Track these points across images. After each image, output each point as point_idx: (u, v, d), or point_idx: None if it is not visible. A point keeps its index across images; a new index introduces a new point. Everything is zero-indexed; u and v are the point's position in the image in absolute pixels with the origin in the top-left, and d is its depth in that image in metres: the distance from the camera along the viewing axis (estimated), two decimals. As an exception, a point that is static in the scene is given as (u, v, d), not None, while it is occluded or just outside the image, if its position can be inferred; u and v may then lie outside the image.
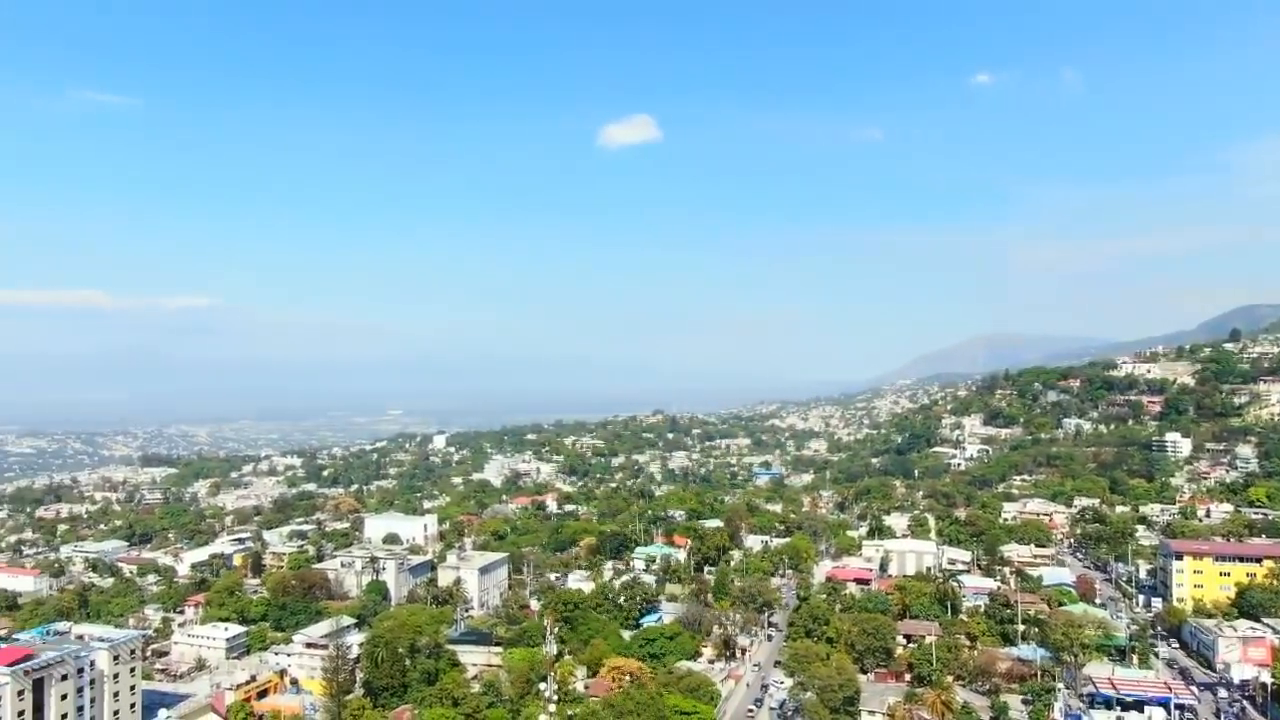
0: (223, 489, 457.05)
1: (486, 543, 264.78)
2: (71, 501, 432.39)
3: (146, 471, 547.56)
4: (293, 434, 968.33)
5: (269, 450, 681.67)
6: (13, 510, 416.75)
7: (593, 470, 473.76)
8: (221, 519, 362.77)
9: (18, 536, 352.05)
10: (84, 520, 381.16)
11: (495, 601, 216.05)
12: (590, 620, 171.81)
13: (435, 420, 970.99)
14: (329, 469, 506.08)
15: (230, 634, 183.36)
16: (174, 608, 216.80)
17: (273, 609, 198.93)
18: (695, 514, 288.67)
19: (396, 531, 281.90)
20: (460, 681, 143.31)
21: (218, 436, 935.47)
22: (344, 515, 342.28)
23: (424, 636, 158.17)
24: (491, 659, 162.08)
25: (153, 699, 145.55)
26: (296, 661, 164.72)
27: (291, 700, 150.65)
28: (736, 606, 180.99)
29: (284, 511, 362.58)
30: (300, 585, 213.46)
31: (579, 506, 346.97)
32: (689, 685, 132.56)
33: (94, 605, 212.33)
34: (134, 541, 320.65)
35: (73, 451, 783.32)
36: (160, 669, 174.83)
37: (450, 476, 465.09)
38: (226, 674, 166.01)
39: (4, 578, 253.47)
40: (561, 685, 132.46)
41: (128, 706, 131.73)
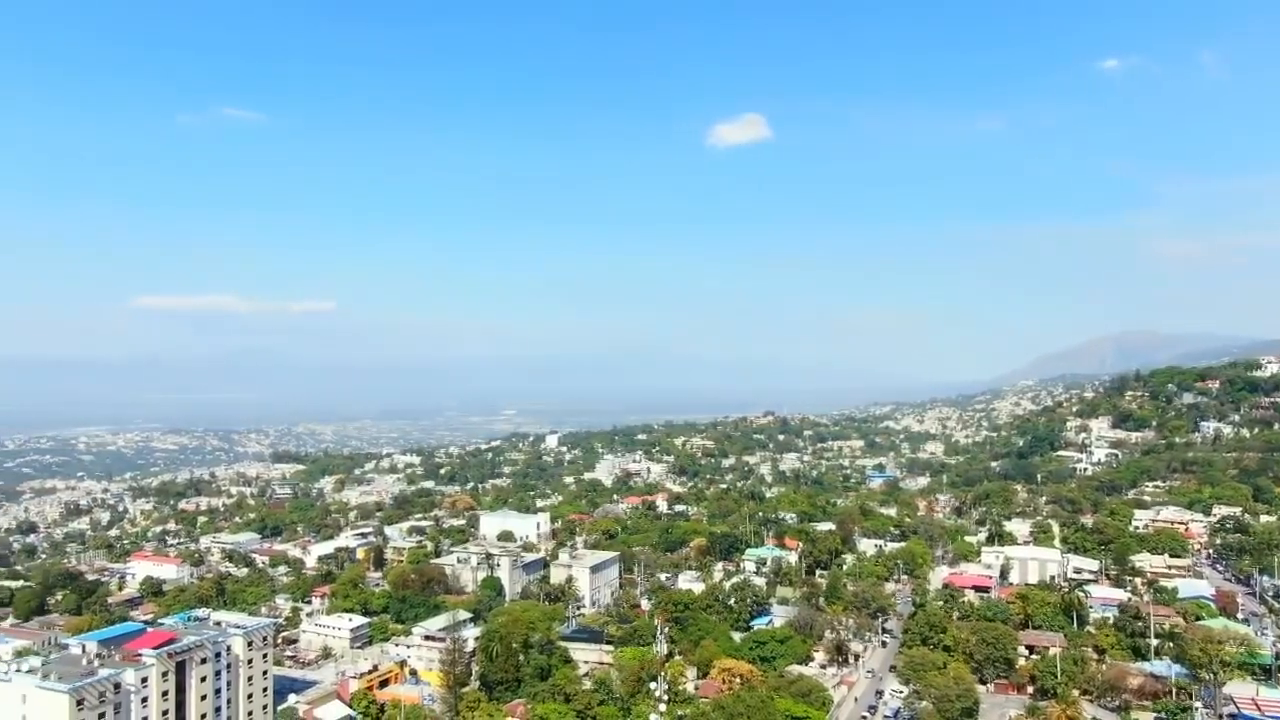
0: (347, 485, 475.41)
1: (597, 541, 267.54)
2: (210, 495, 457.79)
3: (277, 468, 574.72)
4: (411, 433, 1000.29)
5: (389, 448, 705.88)
6: (158, 502, 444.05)
7: (703, 471, 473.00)
8: (346, 514, 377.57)
9: (162, 527, 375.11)
10: (221, 513, 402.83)
11: (606, 600, 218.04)
12: (700, 621, 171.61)
13: (548, 420, 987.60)
14: (446, 467, 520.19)
15: (354, 625, 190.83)
16: (302, 598, 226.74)
17: (393, 602, 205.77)
18: (807, 516, 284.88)
19: (510, 529, 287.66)
20: (572, 678, 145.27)
21: (342, 435, 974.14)
22: (460, 512, 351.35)
23: (537, 633, 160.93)
24: (603, 657, 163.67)
25: (283, 684, 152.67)
26: (415, 653, 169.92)
27: (411, 690, 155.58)
28: (849, 611, 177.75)
29: (404, 508, 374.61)
30: (419, 579, 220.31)
31: (689, 507, 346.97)
32: (800, 689, 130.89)
33: (230, 593, 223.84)
34: (266, 534, 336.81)
35: (211, 448, 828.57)
36: (290, 656, 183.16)
37: (562, 475, 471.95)
38: (351, 663, 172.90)
39: (150, 566, 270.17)
40: (672, 685, 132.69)
41: (260, 690, 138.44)
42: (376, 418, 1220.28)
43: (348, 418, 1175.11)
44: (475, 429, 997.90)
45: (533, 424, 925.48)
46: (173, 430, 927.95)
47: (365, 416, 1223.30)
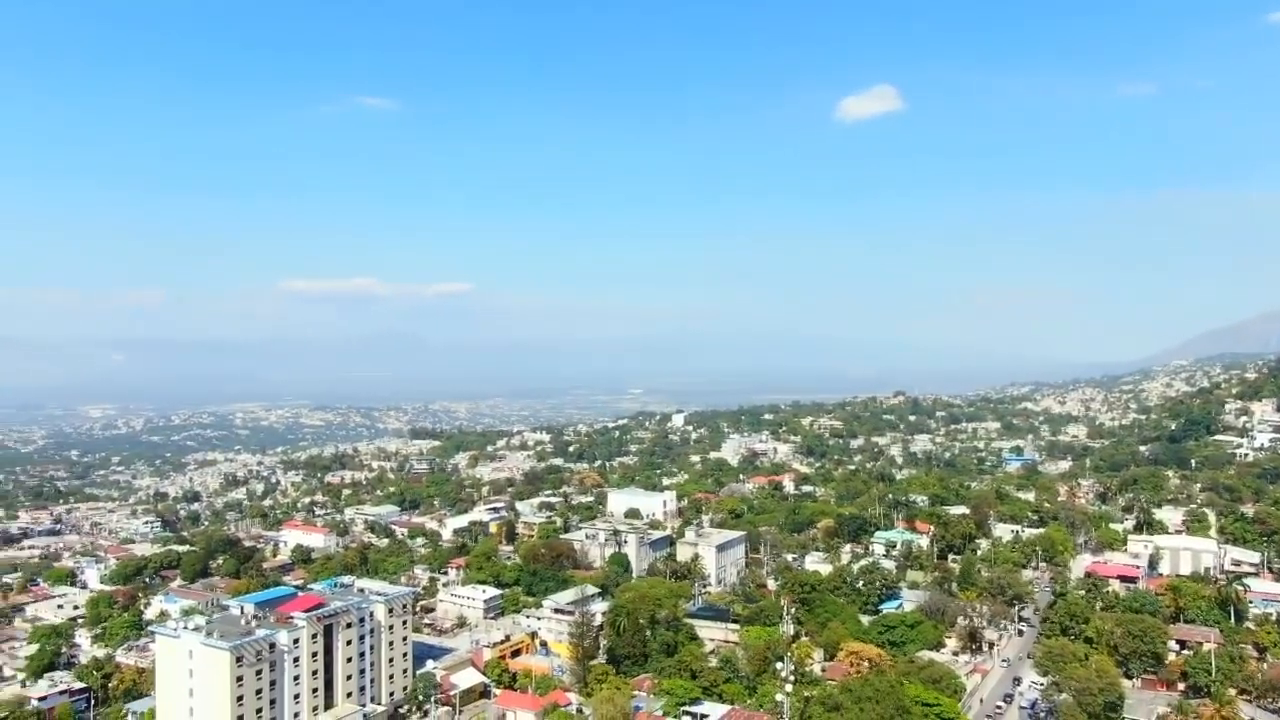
0: (480, 461, 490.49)
1: (724, 520, 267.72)
2: (353, 469, 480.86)
3: (415, 444, 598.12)
4: (541, 411, 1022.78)
5: (520, 426, 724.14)
6: (307, 475, 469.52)
7: (830, 452, 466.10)
8: (479, 489, 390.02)
9: (311, 498, 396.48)
10: (363, 486, 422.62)
11: (732, 579, 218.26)
12: (828, 603, 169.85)
13: (674, 399, 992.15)
14: (574, 445, 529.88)
15: (487, 596, 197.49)
16: (439, 569, 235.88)
17: (524, 575, 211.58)
18: (939, 499, 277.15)
19: (637, 506, 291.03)
20: (698, 655, 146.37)
21: (475, 413, 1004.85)
22: (588, 489, 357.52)
23: (663, 609, 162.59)
24: (728, 635, 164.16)
25: (421, 650, 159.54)
26: (546, 625, 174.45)
27: (541, 661, 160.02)
28: (984, 598, 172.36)
29: (534, 484, 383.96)
30: (549, 554, 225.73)
31: (816, 488, 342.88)
32: (931, 675, 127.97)
33: (372, 562, 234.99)
34: (405, 507, 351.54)
35: (354, 424, 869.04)
36: (427, 624, 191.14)
37: (688, 454, 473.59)
38: (484, 632, 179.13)
39: (300, 534, 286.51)
40: (798, 666, 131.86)
41: (400, 655, 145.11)
42: (507, 396, 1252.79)
43: (480, 396, 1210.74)
44: (602, 407, 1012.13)
45: (659, 403, 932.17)
46: (319, 407, 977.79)
47: (497, 395, 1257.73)
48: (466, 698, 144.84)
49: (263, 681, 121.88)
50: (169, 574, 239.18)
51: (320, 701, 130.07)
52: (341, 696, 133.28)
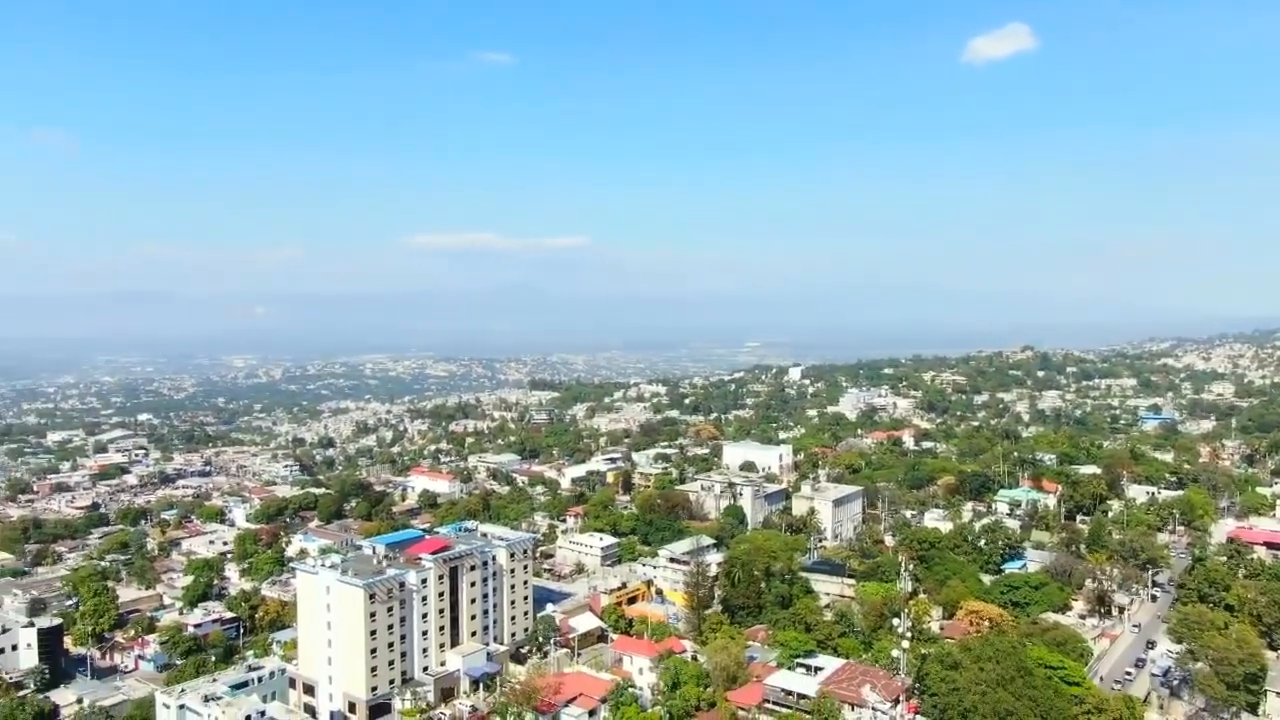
0: (597, 413, 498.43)
1: (840, 475, 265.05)
2: (476, 419, 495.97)
3: (534, 395, 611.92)
4: (657, 363, 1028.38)
5: (636, 378, 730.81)
6: (432, 424, 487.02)
7: (953, 407, 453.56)
8: (596, 439, 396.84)
9: (436, 447, 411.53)
10: (486, 435, 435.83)
11: (848, 534, 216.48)
12: (947, 561, 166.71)
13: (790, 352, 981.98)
14: (690, 397, 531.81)
15: (605, 544, 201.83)
16: (557, 516, 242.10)
17: (640, 524, 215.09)
18: (1068, 458, 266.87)
19: (753, 459, 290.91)
20: (813, 608, 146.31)
21: (592, 365, 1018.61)
22: (704, 441, 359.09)
23: (778, 562, 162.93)
24: (844, 590, 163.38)
25: (541, 594, 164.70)
26: (661, 574, 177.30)
27: (657, 609, 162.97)
28: (1114, 561, 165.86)
29: (650, 435, 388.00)
30: (665, 504, 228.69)
31: (937, 444, 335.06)
32: (1056, 638, 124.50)
33: (494, 508, 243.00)
34: (525, 455, 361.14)
35: (476, 375, 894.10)
36: (547, 569, 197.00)
37: (805, 408, 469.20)
38: (601, 579, 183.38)
39: (426, 480, 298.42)
40: (916, 623, 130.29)
41: (521, 598, 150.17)
42: (624, 349, 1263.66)
43: (597, 348, 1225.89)
44: (718, 360, 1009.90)
45: (775, 356, 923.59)
46: (443, 358, 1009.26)
47: (614, 347, 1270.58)
48: (584, 641, 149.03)
49: (393, 618, 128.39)
50: (307, 514, 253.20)
51: (446, 639, 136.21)
52: (466, 635, 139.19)
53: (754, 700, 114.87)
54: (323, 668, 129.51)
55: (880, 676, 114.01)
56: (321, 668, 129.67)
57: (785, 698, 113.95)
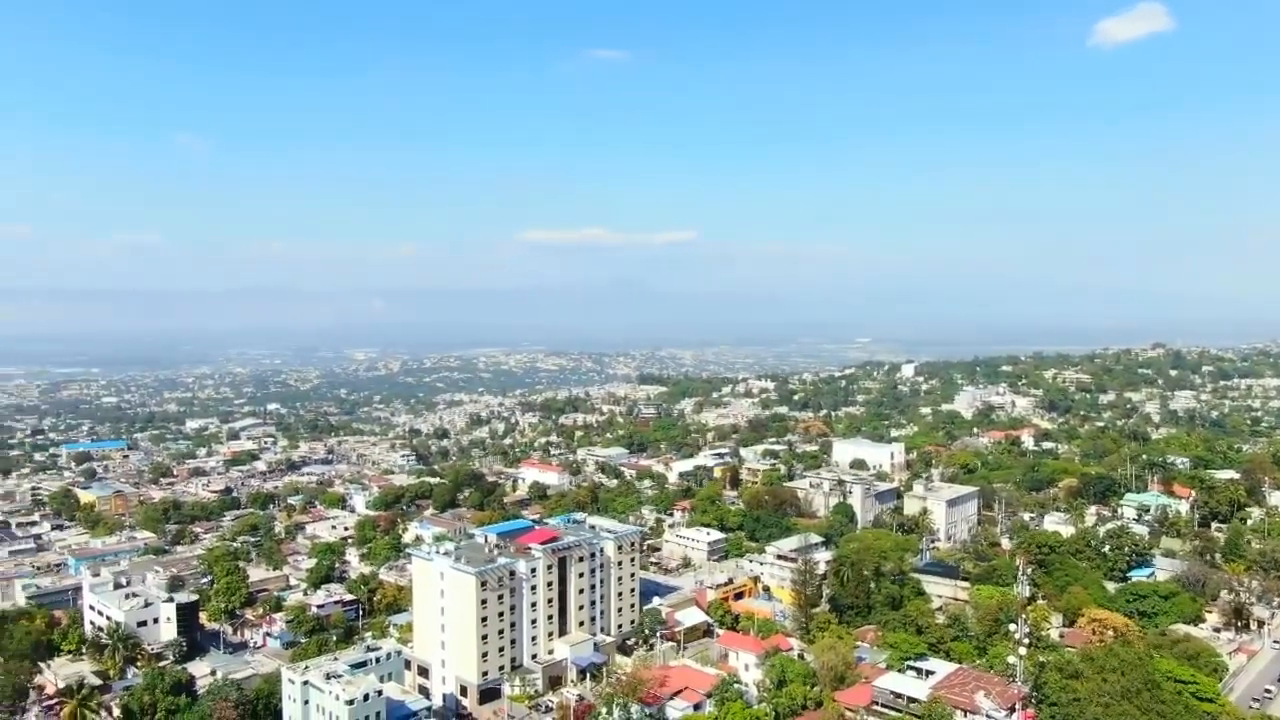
0: (705, 407, 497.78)
1: (954, 475, 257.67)
2: (585, 412, 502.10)
3: (642, 389, 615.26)
4: (766, 359, 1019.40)
5: (744, 373, 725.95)
6: (542, 417, 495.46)
7: (1075, 407, 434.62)
8: (704, 434, 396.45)
9: (546, 439, 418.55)
10: (594, 428, 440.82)
11: (963, 535, 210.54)
12: (1068, 566, 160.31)
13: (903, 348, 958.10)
14: (799, 393, 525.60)
15: (711, 538, 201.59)
16: (665, 510, 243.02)
17: (748, 520, 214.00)
18: (1202, 462, 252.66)
19: (863, 457, 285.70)
20: (925, 610, 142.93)
21: (700, 360, 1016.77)
22: (813, 438, 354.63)
23: (889, 562, 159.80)
24: (957, 592, 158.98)
25: (647, 587, 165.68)
26: (768, 571, 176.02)
27: (763, 605, 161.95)
28: (1253, 571, 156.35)
29: (758, 431, 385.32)
30: (772, 500, 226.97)
31: (1058, 445, 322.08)
32: (1187, 651, 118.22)
33: (602, 501, 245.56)
34: (633, 449, 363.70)
35: (585, 369, 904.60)
36: (654, 562, 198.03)
37: (918, 406, 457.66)
38: (708, 574, 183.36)
39: (536, 472, 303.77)
40: (1034, 629, 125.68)
41: (628, 590, 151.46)
42: (732, 343, 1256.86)
43: (705, 343, 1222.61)
44: (828, 356, 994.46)
45: (888, 352, 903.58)
46: (553, 352, 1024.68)
47: (722, 342, 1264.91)
48: (690, 635, 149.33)
49: (504, 605, 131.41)
50: (422, 503, 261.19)
51: (555, 628, 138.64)
52: (574, 625, 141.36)
53: (862, 701, 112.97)
54: (436, 651, 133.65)
55: (995, 683, 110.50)
56: (435, 651, 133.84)
57: (895, 700, 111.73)
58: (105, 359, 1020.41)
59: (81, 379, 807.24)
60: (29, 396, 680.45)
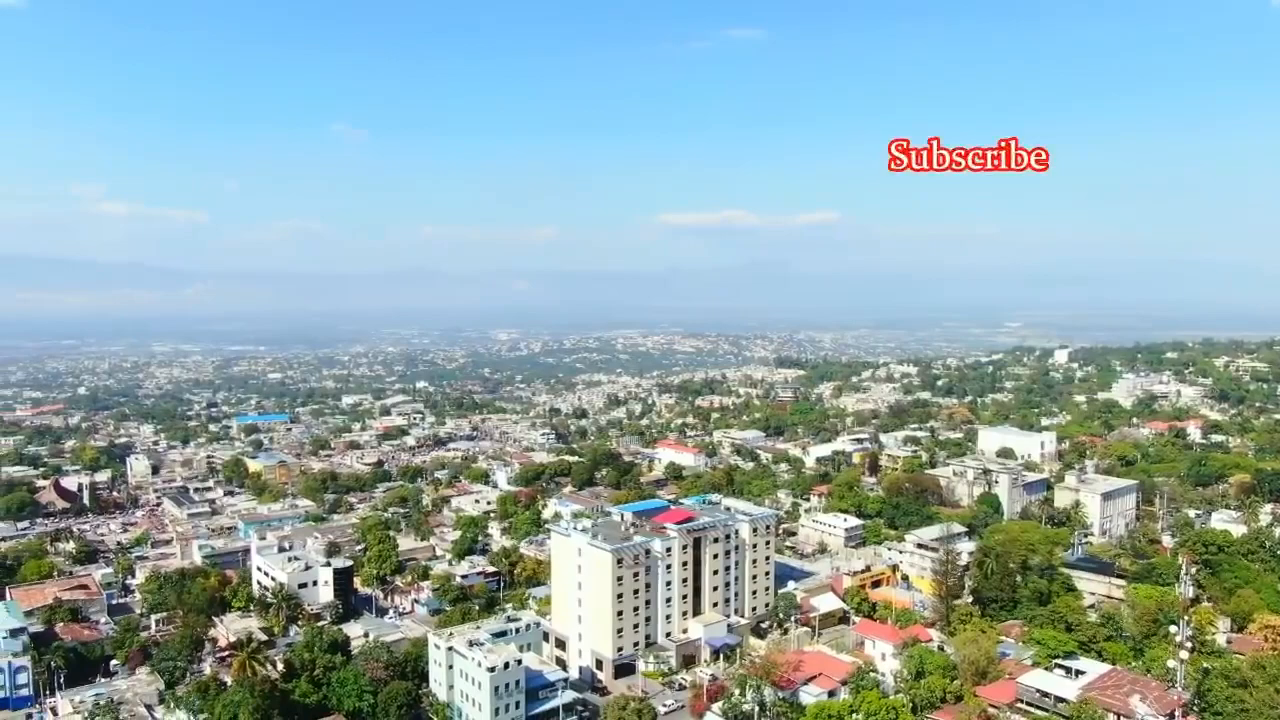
0: (844, 392, 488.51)
1: (1111, 467, 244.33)
2: (721, 394, 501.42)
3: (780, 372, 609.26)
4: (908, 343, 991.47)
5: (886, 357, 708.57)
6: (679, 398, 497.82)
7: (1250, 397, 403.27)
8: (842, 419, 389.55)
9: (682, 420, 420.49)
10: (730, 411, 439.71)
11: (1119, 531, 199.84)
12: (1238, 568, 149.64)
13: (1056, 333, 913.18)
14: (943, 379, 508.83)
15: (849, 525, 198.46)
16: (801, 494, 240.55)
17: (887, 507, 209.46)
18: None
19: (1011, 446, 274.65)
20: (1075, 608, 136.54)
21: (840, 343, 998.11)
22: (957, 425, 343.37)
23: (1037, 555, 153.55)
24: (1112, 590, 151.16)
25: (782, 571, 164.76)
26: (907, 559, 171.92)
27: (902, 594, 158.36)
28: None
29: (899, 417, 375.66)
30: (913, 488, 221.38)
31: (1229, 438, 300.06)
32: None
33: (738, 483, 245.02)
34: (769, 432, 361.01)
35: (722, 351, 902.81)
36: (789, 546, 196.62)
37: (1072, 394, 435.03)
38: (844, 560, 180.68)
39: (672, 453, 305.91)
40: (1198, 633, 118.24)
41: (763, 573, 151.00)
42: (873, 326, 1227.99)
43: (846, 326, 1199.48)
44: (975, 341, 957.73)
45: (1039, 337, 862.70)
46: (691, 334, 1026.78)
47: (862, 325, 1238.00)
48: (825, 621, 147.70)
49: (639, 583, 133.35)
50: (561, 480, 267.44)
51: (689, 607, 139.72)
52: (708, 605, 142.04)
53: (1005, 698, 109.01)
54: (573, 625, 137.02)
55: (1152, 688, 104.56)
56: (572, 624, 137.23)
57: (1040, 699, 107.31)
58: (271, 338, 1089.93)
59: (250, 356, 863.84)
60: (205, 372, 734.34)
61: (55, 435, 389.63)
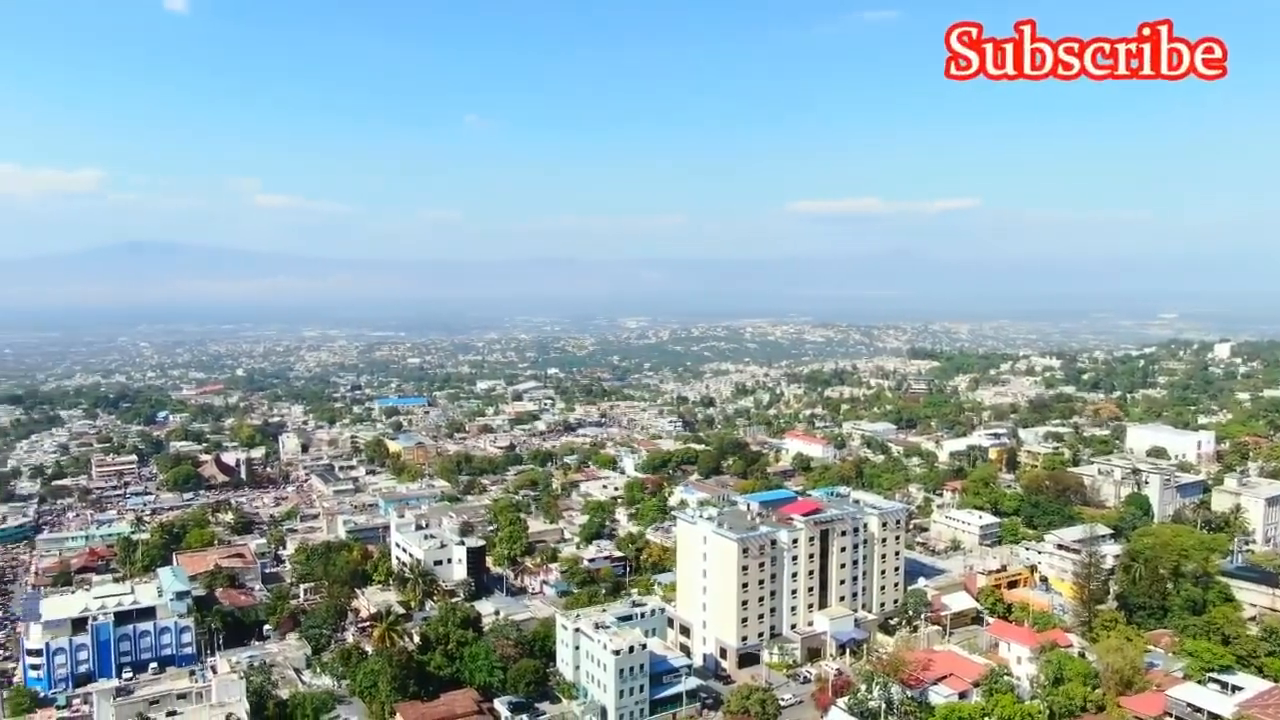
0: (980, 384, 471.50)
1: (1277, 470, 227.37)
2: (851, 385, 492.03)
3: (913, 363, 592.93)
4: (1051, 335, 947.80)
5: (1026, 350, 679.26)
6: (808, 388, 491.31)
7: None
8: (979, 412, 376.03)
9: (810, 411, 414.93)
10: (861, 402, 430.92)
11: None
12: None
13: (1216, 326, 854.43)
14: (1089, 372, 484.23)
15: (984, 522, 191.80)
16: (933, 489, 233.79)
17: (1025, 505, 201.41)
18: None
19: (1163, 445, 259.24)
20: (1234, 619, 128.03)
21: (977, 334, 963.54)
22: (1103, 421, 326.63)
23: (1190, 562, 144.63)
24: (1276, 602, 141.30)
25: (912, 567, 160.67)
26: (1047, 560, 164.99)
27: (1040, 597, 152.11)
28: None
29: (1040, 411, 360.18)
30: (1054, 486, 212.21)
31: None
32: None
33: (867, 476, 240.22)
34: (901, 425, 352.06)
35: (853, 342, 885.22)
36: (920, 542, 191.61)
37: (1234, 391, 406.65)
38: (978, 558, 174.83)
39: (800, 444, 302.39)
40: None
41: (892, 568, 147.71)
42: (1014, 317, 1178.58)
43: (984, 316, 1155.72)
44: (1125, 333, 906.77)
45: (1196, 330, 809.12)
46: (821, 324, 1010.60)
47: (1002, 316, 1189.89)
48: (957, 620, 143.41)
49: (764, 573, 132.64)
50: (687, 468, 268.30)
51: (815, 600, 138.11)
52: (834, 599, 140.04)
53: (1152, 711, 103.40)
54: (698, 612, 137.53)
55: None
56: (696, 612, 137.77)
57: (1192, 715, 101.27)
58: (410, 324, 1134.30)
59: (391, 341, 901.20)
60: (349, 356, 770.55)
61: (216, 413, 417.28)
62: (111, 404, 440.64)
